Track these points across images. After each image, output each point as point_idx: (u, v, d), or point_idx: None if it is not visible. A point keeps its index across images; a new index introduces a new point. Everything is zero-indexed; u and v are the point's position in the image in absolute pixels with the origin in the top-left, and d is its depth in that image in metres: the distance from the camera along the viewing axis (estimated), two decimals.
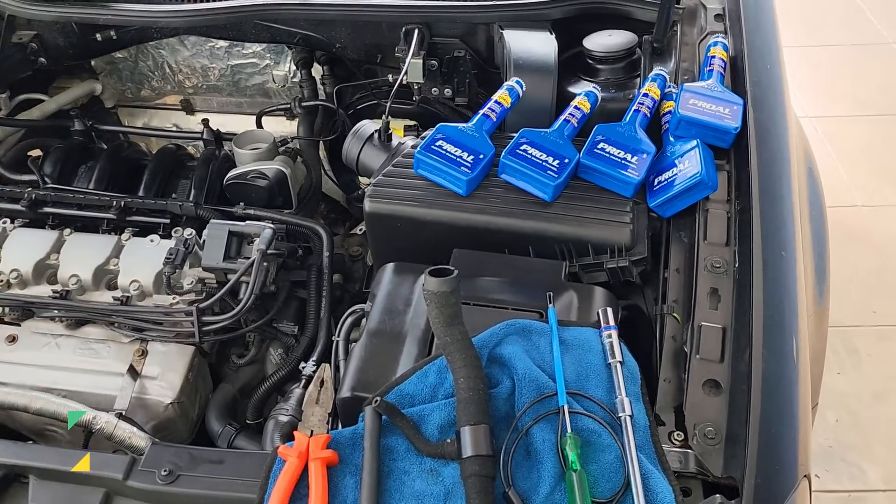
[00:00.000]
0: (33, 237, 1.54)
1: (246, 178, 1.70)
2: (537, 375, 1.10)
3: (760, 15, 1.54)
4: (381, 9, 1.62)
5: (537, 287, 1.25)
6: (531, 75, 1.50)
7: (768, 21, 1.55)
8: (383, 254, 1.40)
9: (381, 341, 1.21)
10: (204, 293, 1.46)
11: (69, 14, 1.65)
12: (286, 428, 1.32)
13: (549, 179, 1.30)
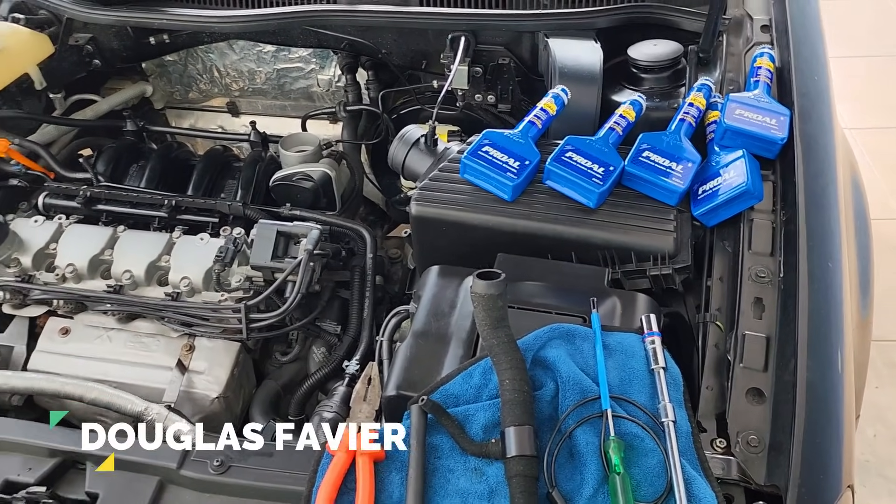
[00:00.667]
0: (88, 233, 1.59)
1: (292, 180, 1.74)
2: (581, 379, 1.12)
3: (808, 26, 1.54)
4: (429, 16, 1.64)
5: (580, 292, 1.26)
6: (576, 83, 1.52)
7: (815, 32, 1.55)
8: (427, 256, 1.42)
9: (426, 342, 1.23)
10: (252, 291, 1.50)
11: (126, 18, 1.70)
12: (330, 425, 1.35)
13: (594, 186, 1.32)
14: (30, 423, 1.21)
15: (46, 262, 1.57)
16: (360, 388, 1.15)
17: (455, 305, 1.27)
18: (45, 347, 1.56)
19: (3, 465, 1.13)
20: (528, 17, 1.64)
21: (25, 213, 1.66)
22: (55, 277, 1.54)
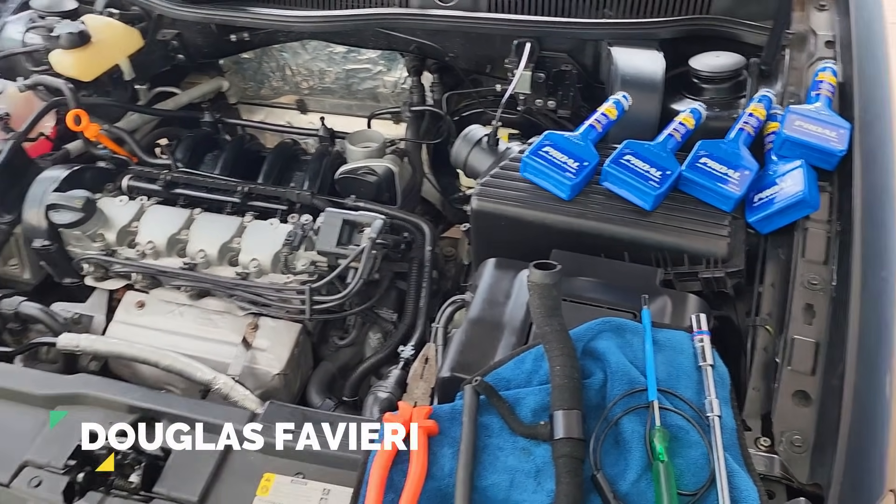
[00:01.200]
0: (167, 214, 1.70)
1: (357, 174, 1.82)
2: (629, 370, 1.16)
3: (873, 43, 1.55)
4: (496, 22, 1.71)
5: (632, 290, 1.30)
6: (637, 91, 1.56)
7: (880, 50, 1.56)
8: (484, 250, 1.47)
9: (481, 328, 1.28)
10: (316, 275, 1.58)
11: (212, 15, 1.81)
12: (385, 404, 1.41)
13: (651, 189, 1.36)
14: (112, 381, 1.31)
15: (128, 238, 1.69)
16: (417, 367, 1.22)
17: (510, 296, 1.33)
18: (121, 318, 1.67)
19: (88, 418, 1.23)
20: (592, 25, 1.69)
21: (111, 193, 1.78)
22: (135, 253, 1.65)
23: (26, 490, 1.15)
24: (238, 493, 1.13)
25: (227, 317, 1.64)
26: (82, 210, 1.61)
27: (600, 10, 1.75)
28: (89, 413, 1.24)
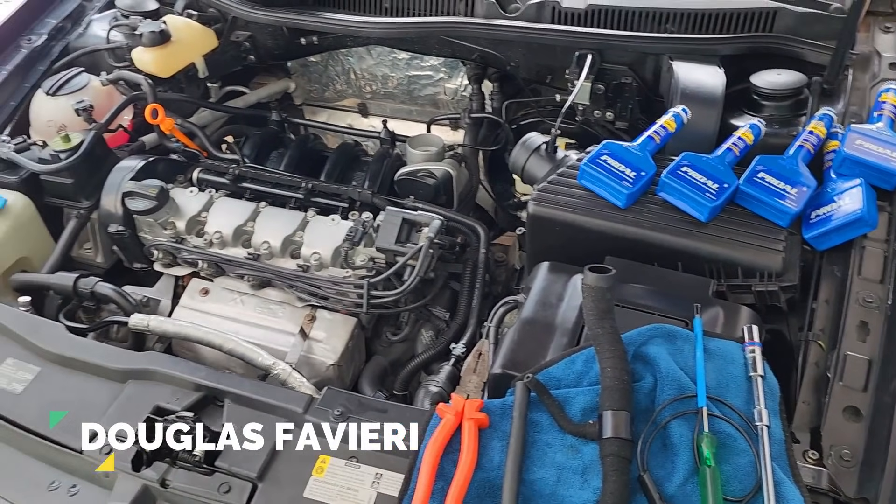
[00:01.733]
0: (234, 206, 1.77)
1: (416, 176, 1.87)
2: (679, 376, 1.18)
3: None
4: (559, 33, 1.75)
5: (684, 299, 1.32)
6: (697, 105, 1.58)
7: None
8: (538, 254, 1.51)
9: (533, 328, 1.32)
10: (374, 271, 1.63)
11: (285, 19, 1.89)
12: (435, 398, 1.46)
13: (707, 201, 1.38)
14: (179, 360, 1.38)
15: (197, 228, 1.77)
16: (470, 362, 1.25)
17: (562, 298, 1.36)
18: (186, 304, 1.75)
19: (156, 394, 1.30)
20: (654, 39, 1.71)
21: (181, 184, 1.86)
22: (203, 242, 1.73)
23: (97, 457, 1.22)
24: (294, 472, 1.19)
25: (286, 307, 1.71)
26: (156, 199, 1.70)
27: (662, 25, 1.78)
28: (158, 389, 1.31)
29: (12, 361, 1.39)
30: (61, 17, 2.14)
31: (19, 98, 1.99)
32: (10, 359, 1.40)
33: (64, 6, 2.19)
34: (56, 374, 1.37)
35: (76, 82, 1.95)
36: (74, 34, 2.13)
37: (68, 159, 1.76)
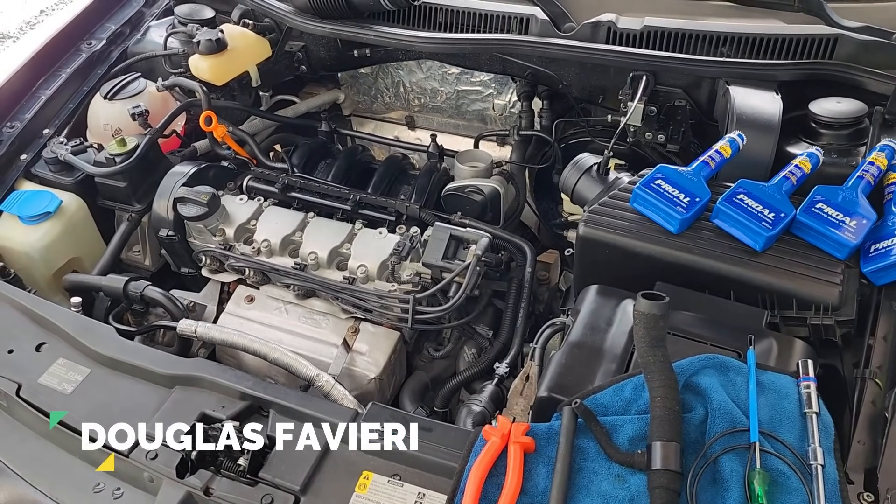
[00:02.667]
0: (283, 215, 1.79)
1: (463, 192, 1.87)
2: (732, 409, 1.15)
3: None
4: (615, 54, 1.74)
5: (737, 329, 1.30)
6: (753, 131, 1.55)
7: None
8: (586, 277, 1.49)
9: (581, 352, 1.30)
10: (420, 286, 1.63)
11: (341, 31, 1.91)
12: (478, 417, 1.45)
13: (763, 230, 1.35)
14: (226, 368, 1.39)
15: (245, 235, 1.79)
16: (518, 384, 1.24)
17: (611, 323, 1.34)
18: (232, 311, 1.76)
19: (202, 400, 1.31)
20: (711, 63, 1.69)
21: (231, 191, 1.89)
22: (251, 250, 1.74)
23: (143, 462, 1.24)
24: (338, 487, 1.19)
25: (329, 318, 1.71)
26: (207, 205, 1.72)
27: (717, 49, 1.76)
28: (204, 396, 1.32)
29: (63, 362, 1.42)
30: (120, 23, 2.20)
31: (77, 101, 2.04)
32: (61, 359, 1.43)
33: (123, 12, 2.24)
34: (106, 376, 1.39)
35: (133, 87, 1.99)
36: (133, 39, 2.18)
37: (123, 163, 1.80)
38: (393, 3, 1.81)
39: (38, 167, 1.90)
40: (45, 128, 1.95)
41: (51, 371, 1.40)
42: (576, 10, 1.85)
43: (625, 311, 1.35)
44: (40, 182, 1.88)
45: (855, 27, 1.69)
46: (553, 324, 1.46)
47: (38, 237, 1.77)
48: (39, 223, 1.78)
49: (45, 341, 1.46)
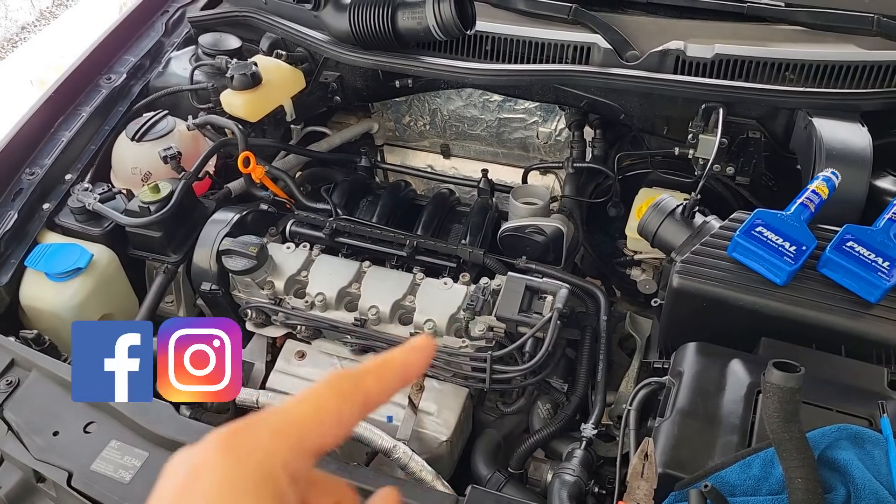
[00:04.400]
0: (337, 265, 1.66)
1: (524, 232, 1.76)
2: (877, 488, 1.06)
3: None
4: (686, 85, 1.64)
5: (858, 391, 1.21)
6: (844, 167, 1.46)
7: None
8: (678, 331, 1.40)
9: (694, 422, 1.20)
10: (494, 341, 1.52)
11: (384, 63, 1.79)
12: (573, 489, 1.34)
13: (879, 281, 1.26)
14: None
15: (296, 287, 1.66)
16: (636, 464, 1.14)
17: (722, 387, 1.24)
18: (282, 368, 1.64)
19: None
20: (790, 94, 1.60)
21: (274, 237, 1.76)
22: (304, 304, 1.61)
23: None
24: None
25: None
26: (255, 257, 1.59)
27: (782, 74, 1.67)
28: None
29: (117, 444, 1.29)
30: (140, 55, 2.05)
31: (99, 142, 1.89)
32: (114, 441, 1.29)
33: (142, 43, 2.10)
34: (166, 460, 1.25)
35: (161, 127, 1.85)
36: (154, 73, 2.03)
37: (159, 212, 1.66)
38: (445, 34, 1.69)
39: (62, 216, 1.75)
40: (68, 173, 1.81)
41: (104, 456, 1.27)
42: (637, 37, 1.74)
43: (735, 374, 1.25)
44: (65, 233, 1.73)
45: None
46: (649, 383, 1.36)
47: (69, 296, 1.63)
48: (69, 280, 1.64)
49: (94, 420, 1.33)
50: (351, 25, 1.77)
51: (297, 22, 1.95)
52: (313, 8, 1.82)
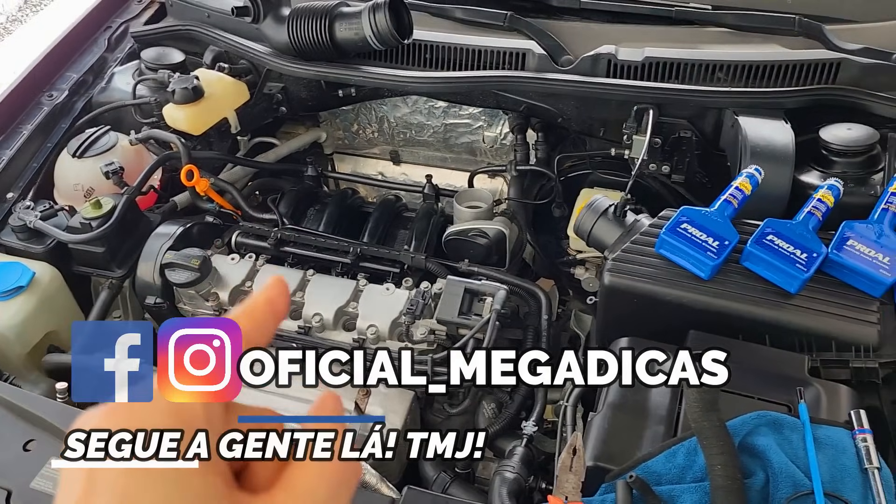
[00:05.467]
0: (282, 275, 1.67)
1: (467, 236, 1.79)
2: (794, 472, 1.10)
3: None
4: (619, 87, 1.68)
5: (780, 379, 1.25)
6: (768, 163, 1.51)
7: None
8: (612, 327, 1.43)
9: (623, 415, 1.24)
10: (435, 344, 1.54)
11: (327, 73, 1.81)
12: (513, 485, 1.37)
13: (797, 272, 1.30)
14: None
15: (240, 298, 1.67)
16: (565, 458, 1.17)
17: None
18: None
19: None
20: (717, 94, 1.65)
21: (219, 249, 1.77)
22: None
23: None
24: None
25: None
26: (198, 270, 1.60)
27: (714, 75, 1.72)
28: None
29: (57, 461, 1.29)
30: (82, 71, 2.05)
31: (41, 159, 1.89)
32: (53, 460, 1.29)
33: (84, 59, 2.09)
34: None
35: (103, 143, 1.85)
36: (97, 88, 2.03)
37: (101, 227, 1.66)
38: (382, 44, 1.72)
39: (3, 235, 1.75)
40: (9, 191, 1.80)
41: (44, 473, 1.27)
42: (571, 42, 1.79)
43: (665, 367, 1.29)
44: (8, 252, 1.73)
45: (854, 49, 1.68)
46: None
47: (10, 314, 1.62)
48: (11, 298, 1.63)
49: (33, 438, 1.33)
50: (290, 37, 1.79)
51: (240, 35, 1.97)
52: (253, 20, 1.84)
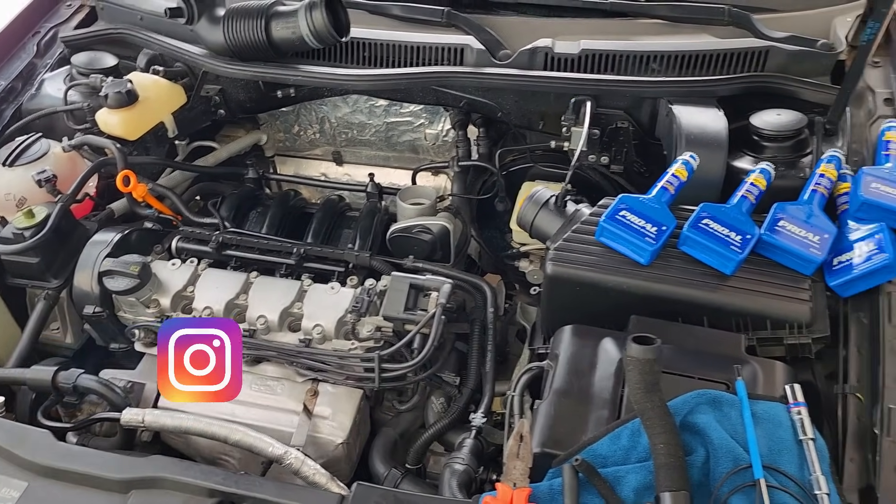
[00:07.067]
0: (223, 278, 1.65)
1: (411, 232, 1.79)
2: (733, 447, 1.13)
3: None
4: (555, 80, 1.70)
5: (719, 358, 1.28)
6: (703, 150, 1.55)
7: None
8: (556, 315, 1.45)
9: (568, 401, 1.25)
10: (382, 341, 1.54)
11: (263, 73, 1.79)
12: (463, 477, 1.37)
13: (732, 254, 1.34)
14: (189, 464, 1.25)
15: (183, 304, 1.64)
16: (512, 446, 1.18)
17: (594, 365, 1.30)
18: None
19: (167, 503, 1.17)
20: (652, 83, 1.69)
21: (159, 255, 1.73)
22: None
23: None
24: None
25: (284, 383, 1.59)
26: (138, 276, 1.57)
27: (648, 65, 1.76)
28: (167, 498, 1.18)
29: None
30: (11, 77, 1.99)
31: None
32: None
33: (13, 65, 2.03)
34: (48, 489, 1.22)
35: (35, 150, 1.80)
36: (27, 95, 1.98)
37: (34, 237, 1.62)
38: (320, 42, 1.70)
39: None
40: None
41: None
42: (508, 37, 1.81)
43: (606, 351, 1.31)
44: None
45: (782, 37, 1.73)
46: (530, 369, 1.40)
47: None
48: None
49: None
50: (226, 38, 1.77)
51: (174, 37, 1.93)
52: (187, 22, 1.81)
